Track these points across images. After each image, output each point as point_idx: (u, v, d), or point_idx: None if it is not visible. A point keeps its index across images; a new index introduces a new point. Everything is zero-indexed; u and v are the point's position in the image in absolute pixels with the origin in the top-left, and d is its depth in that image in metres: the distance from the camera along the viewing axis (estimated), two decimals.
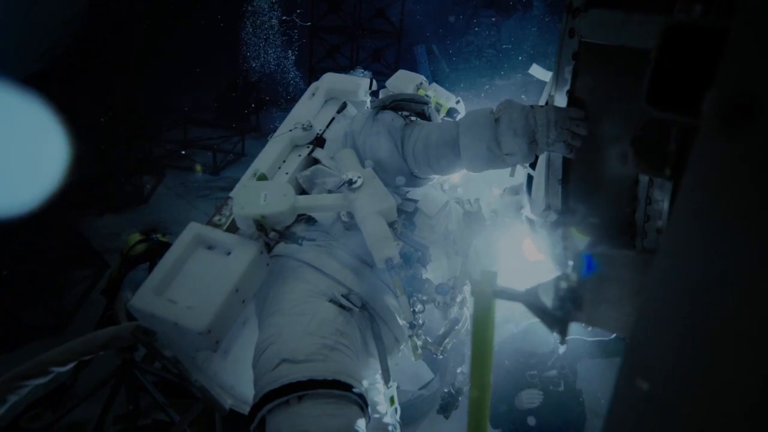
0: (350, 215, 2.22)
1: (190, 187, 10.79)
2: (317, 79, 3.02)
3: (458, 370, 3.40)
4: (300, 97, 2.97)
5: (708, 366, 0.52)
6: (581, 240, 2.07)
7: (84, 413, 3.97)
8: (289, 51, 12.95)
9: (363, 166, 2.37)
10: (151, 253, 5.08)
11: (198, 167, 10.17)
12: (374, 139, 2.33)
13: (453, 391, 3.33)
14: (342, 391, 1.83)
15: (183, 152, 11.59)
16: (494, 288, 0.68)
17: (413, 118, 2.45)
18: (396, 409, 2.48)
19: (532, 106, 1.98)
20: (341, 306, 2.11)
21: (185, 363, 2.47)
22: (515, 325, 4.21)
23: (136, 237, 5.22)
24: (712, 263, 0.50)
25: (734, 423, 0.51)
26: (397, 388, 5.34)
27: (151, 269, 5.03)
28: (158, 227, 6.03)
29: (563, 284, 0.66)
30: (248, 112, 13.46)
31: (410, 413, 5.28)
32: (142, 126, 10.65)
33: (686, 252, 0.51)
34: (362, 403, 1.89)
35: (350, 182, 2.13)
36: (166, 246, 5.08)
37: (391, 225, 2.16)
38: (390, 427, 2.38)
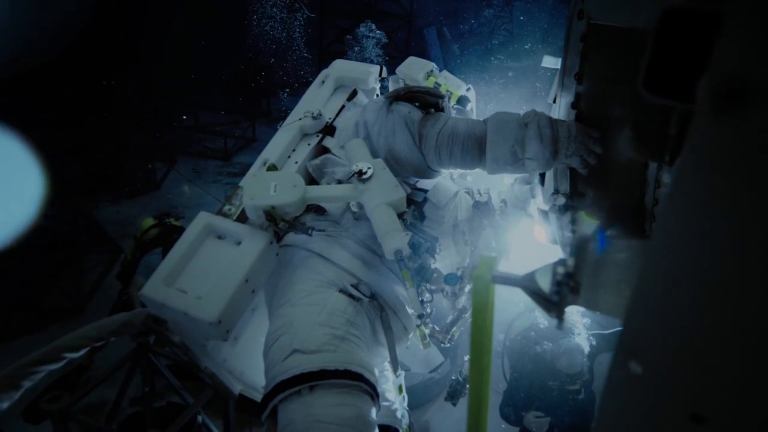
0: (360, 206, 2.21)
1: (202, 172, 10.86)
2: (328, 63, 3.00)
3: (466, 358, 3.42)
4: (311, 81, 2.94)
5: (698, 349, 0.53)
6: (590, 224, 2.07)
7: (100, 395, 4.07)
8: (299, 35, 12.89)
9: (373, 156, 2.35)
10: (165, 237, 5.14)
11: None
12: (390, 131, 2.31)
13: (461, 379, 3.36)
14: (353, 380, 1.85)
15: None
16: (493, 273, 0.68)
17: (431, 110, 2.43)
18: (404, 397, 2.50)
19: (556, 120, 2.07)
20: (351, 296, 2.12)
21: (195, 350, 2.49)
22: (549, 342, 4.17)
23: (150, 222, 5.27)
24: (704, 248, 0.50)
25: (724, 404, 0.52)
26: (408, 371, 5.38)
27: (164, 253, 5.11)
28: (171, 212, 6.10)
29: (560, 269, 0.66)
30: (259, 97, 13.45)
31: (420, 395, 5.34)
32: (154, 112, 10.70)
33: (679, 237, 0.51)
34: (373, 393, 1.91)
35: (360, 173, 2.11)
36: (179, 230, 5.16)
37: (400, 216, 2.15)
38: (398, 414, 2.39)
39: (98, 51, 9.07)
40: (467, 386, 3.38)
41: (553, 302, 0.65)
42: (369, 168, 2.12)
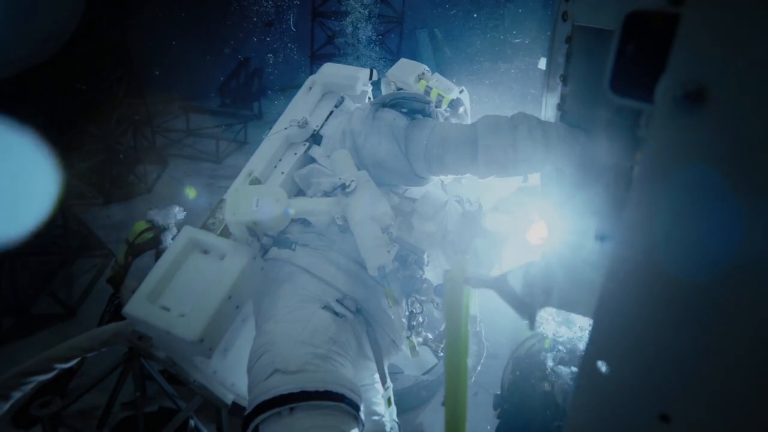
0: (345, 218, 2.20)
1: (194, 175, 10.82)
2: (319, 65, 2.97)
3: None
4: (301, 85, 2.90)
5: (664, 349, 0.53)
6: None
7: (92, 400, 4.04)
8: (290, 38, 12.90)
9: (360, 166, 2.34)
10: (157, 241, 5.14)
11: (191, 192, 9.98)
12: (375, 139, 2.30)
13: None
14: (333, 401, 1.82)
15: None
16: (465, 275, 0.69)
17: (418, 116, 2.40)
18: (393, 409, 2.48)
19: (545, 122, 2.11)
20: (335, 313, 2.09)
21: (183, 364, 2.46)
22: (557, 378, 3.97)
23: (142, 225, 5.27)
24: (666, 247, 0.50)
25: (694, 406, 0.53)
26: (401, 373, 5.39)
27: (156, 257, 5.11)
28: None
29: (532, 271, 0.67)
30: (251, 100, 13.43)
31: (413, 398, 5.34)
32: (146, 115, 10.65)
33: (640, 236, 0.52)
34: (355, 412, 1.88)
35: (343, 186, 2.10)
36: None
37: (386, 229, 2.15)
38: (387, 427, 2.36)
39: (90, 54, 9.03)
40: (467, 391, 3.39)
41: (525, 304, 0.66)
42: (352, 181, 2.11)
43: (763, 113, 0.42)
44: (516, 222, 2.59)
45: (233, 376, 2.61)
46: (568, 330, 4.08)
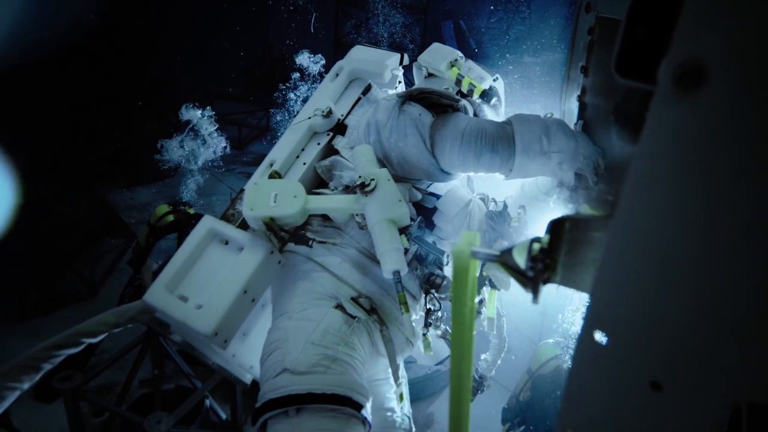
0: (364, 216, 2.15)
1: (216, 161, 10.95)
2: (343, 54, 2.86)
3: (482, 357, 3.42)
4: (326, 72, 2.82)
5: (658, 320, 0.55)
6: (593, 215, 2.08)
7: (112, 376, 4.16)
8: (315, 25, 12.91)
9: (383, 160, 2.31)
10: (179, 225, 5.22)
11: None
12: (401, 133, 2.25)
13: (477, 377, 3.36)
14: (340, 405, 1.83)
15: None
16: (472, 249, 0.71)
17: (448, 110, 2.34)
18: (404, 404, 2.49)
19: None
20: (348, 314, 2.09)
21: (202, 348, 2.48)
22: None
23: (165, 208, 5.34)
24: (665, 225, 0.52)
25: (683, 374, 0.55)
26: (415, 362, 5.40)
27: (179, 240, 5.20)
28: (186, 200, 6.20)
29: (536, 246, 0.69)
30: (274, 87, 13.52)
31: (426, 388, 5.38)
32: (170, 101, 10.80)
33: (640, 213, 0.54)
34: (361, 416, 1.88)
35: (363, 185, 2.04)
36: (194, 217, 5.23)
37: (405, 229, 2.12)
38: (398, 422, 2.39)
39: (116, 40, 9.19)
40: (484, 383, 3.38)
41: (528, 278, 0.68)
42: (372, 180, 2.05)
43: (763, 96, 0.44)
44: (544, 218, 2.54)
45: (252, 359, 2.60)
46: None
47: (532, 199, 2.58)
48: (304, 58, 7.68)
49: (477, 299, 2.35)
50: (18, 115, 7.27)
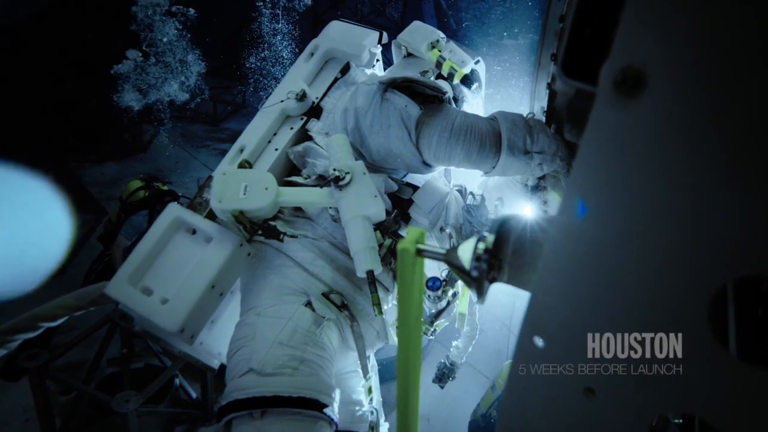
0: (337, 209, 2.07)
1: (190, 137, 10.75)
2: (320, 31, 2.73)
3: (453, 344, 3.45)
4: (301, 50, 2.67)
5: (594, 326, 0.55)
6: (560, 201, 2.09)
7: (80, 354, 4.10)
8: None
9: (361, 146, 2.24)
10: (151, 201, 5.10)
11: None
12: (384, 123, 2.15)
13: (448, 364, 3.40)
14: (305, 408, 1.82)
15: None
16: (418, 246, 0.70)
17: (435, 102, 2.27)
18: (373, 398, 2.49)
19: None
20: (317, 314, 2.06)
21: (167, 338, 2.42)
22: None
23: (137, 184, 5.21)
24: (602, 228, 0.52)
25: (617, 383, 0.55)
26: (387, 343, 5.43)
27: (149, 218, 5.10)
28: (159, 176, 6.07)
29: (480, 246, 0.68)
30: (249, 62, 13.27)
31: (395, 369, 5.42)
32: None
33: (574, 219, 0.53)
34: (327, 416, 1.87)
35: (337, 179, 1.96)
36: (166, 194, 5.13)
37: (380, 224, 2.08)
38: (366, 414, 2.39)
39: (87, 9, 8.87)
40: (455, 370, 3.42)
41: (473, 278, 0.67)
42: (347, 174, 1.98)
43: (697, 101, 0.43)
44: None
45: (220, 346, 2.59)
46: None
47: (506, 189, 2.55)
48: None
49: (450, 292, 2.34)
50: None
